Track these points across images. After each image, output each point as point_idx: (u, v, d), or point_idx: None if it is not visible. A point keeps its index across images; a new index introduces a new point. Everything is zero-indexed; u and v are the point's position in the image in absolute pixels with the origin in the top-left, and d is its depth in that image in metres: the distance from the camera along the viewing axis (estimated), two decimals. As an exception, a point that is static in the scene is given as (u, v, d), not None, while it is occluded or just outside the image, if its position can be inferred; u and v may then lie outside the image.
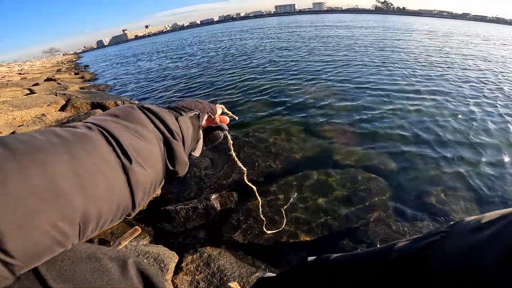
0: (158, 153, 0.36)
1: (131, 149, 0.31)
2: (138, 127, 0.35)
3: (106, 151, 0.28)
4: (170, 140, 0.38)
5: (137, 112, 0.37)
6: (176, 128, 0.40)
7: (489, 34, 20.14)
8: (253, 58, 7.81)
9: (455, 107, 3.56)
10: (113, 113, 0.36)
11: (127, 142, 0.31)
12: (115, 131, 0.31)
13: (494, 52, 9.44)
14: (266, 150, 2.58)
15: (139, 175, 0.31)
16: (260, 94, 4.23)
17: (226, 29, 31.85)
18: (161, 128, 0.38)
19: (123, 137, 0.31)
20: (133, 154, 0.31)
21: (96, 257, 0.41)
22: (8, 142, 0.22)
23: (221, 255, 1.48)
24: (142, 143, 0.33)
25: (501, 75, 5.45)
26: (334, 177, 2.14)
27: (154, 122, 0.38)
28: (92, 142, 0.28)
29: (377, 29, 18.30)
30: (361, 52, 7.89)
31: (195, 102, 0.52)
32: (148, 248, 1.50)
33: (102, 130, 0.30)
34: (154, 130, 0.37)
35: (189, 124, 0.46)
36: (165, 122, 0.39)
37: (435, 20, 64.76)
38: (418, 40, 12.12)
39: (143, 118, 0.37)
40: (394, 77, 4.94)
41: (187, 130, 0.44)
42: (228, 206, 1.90)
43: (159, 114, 0.39)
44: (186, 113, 0.46)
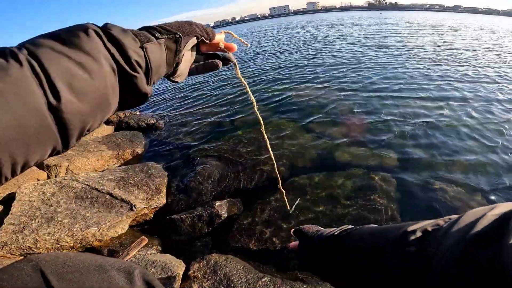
0: (107, 86, 0.33)
1: (62, 83, 0.28)
2: (83, 57, 0.31)
3: (25, 85, 0.26)
4: (126, 72, 0.35)
5: (89, 39, 0.33)
6: (138, 58, 0.37)
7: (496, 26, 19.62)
8: (256, 63, 7.79)
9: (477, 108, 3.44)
10: (59, 36, 0.32)
11: (60, 76, 0.28)
12: (47, 61, 0.28)
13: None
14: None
15: (70, 112, 0.29)
16: (268, 101, 4.21)
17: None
18: (117, 57, 0.35)
19: (55, 70, 0.28)
20: (64, 89, 0.28)
21: (104, 269, 0.44)
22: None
23: (228, 261, 1.49)
24: (82, 77, 0.30)
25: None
26: (341, 180, 2.17)
27: (110, 50, 0.34)
28: (9, 76, 0.25)
29: (379, 26, 17.84)
30: (373, 53, 7.51)
31: (182, 23, 0.47)
32: (156, 257, 1.53)
33: (30, 59, 0.27)
34: (107, 60, 0.33)
35: (162, 50, 0.42)
36: (125, 51, 0.35)
37: (430, 13, 64.74)
38: (429, 35, 11.65)
39: (94, 45, 0.33)
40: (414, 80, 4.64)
41: (156, 58, 0.40)
42: (233, 213, 1.92)
43: (119, 40, 0.35)
44: (162, 36, 0.42)
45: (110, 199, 1.91)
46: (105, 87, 0.33)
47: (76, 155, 2.53)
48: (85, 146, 2.77)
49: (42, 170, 2.32)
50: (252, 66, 7.26)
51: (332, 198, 1.98)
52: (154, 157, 2.86)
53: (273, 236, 1.70)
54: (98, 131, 3.49)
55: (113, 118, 4.23)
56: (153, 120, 3.96)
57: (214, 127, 3.41)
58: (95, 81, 0.31)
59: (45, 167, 2.33)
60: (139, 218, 1.91)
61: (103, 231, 1.68)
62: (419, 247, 0.39)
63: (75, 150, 2.61)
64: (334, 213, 1.85)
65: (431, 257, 0.36)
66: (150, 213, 1.97)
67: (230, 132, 3.22)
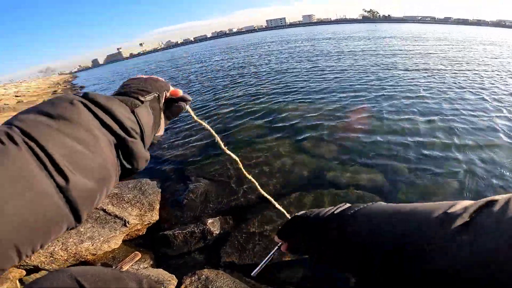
0: (107, 159, 0.32)
1: (66, 163, 0.27)
2: (78, 131, 0.30)
3: (29, 169, 0.24)
4: (126, 141, 0.35)
5: (79, 110, 0.31)
6: (132, 124, 0.36)
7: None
8: (248, 81, 7.84)
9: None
10: (47, 111, 0.30)
11: (62, 155, 0.27)
12: (45, 141, 0.26)
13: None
14: (262, 171, 2.67)
15: (78, 190, 0.27)
16: (261, 117, 4.21)
17: (219, 46, 32.09)
18: (114, 128, 0.34)
19: (55, 149, 0.27)
20: (69, 168, 0.27)
21: (121, 278, 0.51)
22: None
23: (219, 277, 1.52)
24: (83, 153, 0.29)
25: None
26: (329, 195, 2.22)
27: (104, 121, 0.33)
28: (9, 160, 0.24)
29: (381, 39, 17.28)
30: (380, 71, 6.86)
31: (149, 79, 0.46)
32: (149, 271, 1.57)
33: (27, 140, 0.26)
34: (102, 133, 0.32)
35: (149, 113, 0.41)
36: (119, 119, 0.34)
37: (425, 26, 66.03)
38: (435, 50, 11.25)
39: (86, 118, 0.31)
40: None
41: (147, 122, 0.40)
42: (225, 230, 1.96)
43: (110, 109, 0.34)
44: (144, 97, 0.41)
45: (104, 215, 1.95)
46: (105, 160, 0.31)
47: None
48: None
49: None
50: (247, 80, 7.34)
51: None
52: (148, 172, 2.87)
53: (264, 253, 1.73)
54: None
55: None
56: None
57: (208, 144, 3.45)
58: (95, 154, 0.30)
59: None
60: (132, 233, 1.95)
61: (97, 245, 1.71)
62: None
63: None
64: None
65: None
66: (143, 229, 2.00)
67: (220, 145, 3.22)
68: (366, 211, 0.46)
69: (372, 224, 0.42)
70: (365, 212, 0.46)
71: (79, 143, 0.29)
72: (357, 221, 0.45)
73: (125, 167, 0.36)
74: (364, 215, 0.45)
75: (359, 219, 0.45)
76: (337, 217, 0.49)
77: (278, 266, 1.65)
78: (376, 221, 0.42)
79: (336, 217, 0.50)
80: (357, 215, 0.46)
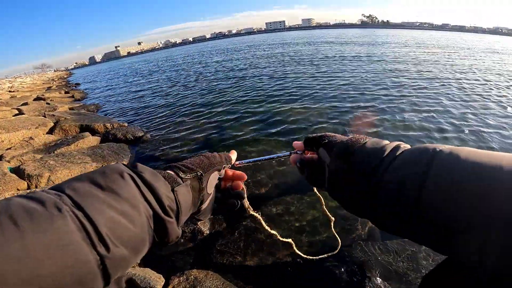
0: (145, 233, 0.34)
1: (110, 234, 0.29)
2: (124, 206, 0.32)
3: (71, 237, 0.26)
4: (161, 218, 0.36)
5: (126, 184, 0.34)
6: (170, 203, 0.38)
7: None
8: (249, 82, 7.78)
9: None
10: (98, 182, 0.32)
11: (106, 226, 0.29)
12: (93, 212, 0.29)
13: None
14: (258, 176, 2.63)
15: (116, 260, 0.29)
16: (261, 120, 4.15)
17: (218, 47, 32.10)
18: (153, 204, 0.35)
19: (101, 220, 0.29)
20: (111, 239, 0.29)
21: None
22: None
23: (208, 277, 1.48)
24: (126, 225, 0.31)
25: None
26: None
27: (146, 197, 0.35)
28: (53, 227, 0.25)
29: (386, 45, 16.99)
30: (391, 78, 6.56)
31: (201, 159, 0.48)
32: (135, 270, 1.51)
33: (75, 210, 0.28)
34: (144, 207, 0.34)
35: (188, 191, 0.43)
36: (159, 196, 0.36)
37: (423, 32, 66.82)
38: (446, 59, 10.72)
39: (132, 192, 0.34)
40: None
41: (185, 200, 0.41)
42: (215, 230, 1.92)
43: (152, 186, 0.36)
44: (186, 175, 0.43)
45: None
46: (144, 232, 0.34)
47: (59, 166, 2.49)
48: (68, 157, 2.73)
49: (23, 180, 2.27)
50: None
51: (314, 216, 1.99)
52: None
53: (254, 254, 1.70)
54: (84, 142, 3.47)
55: (99, 129, 4.20)
56: (140, 133, 3.94)
57: (201, 144, 3.40)
58: (136, 228, 0.32)
59: (26, 177, 2.29)
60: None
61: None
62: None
63: (58, 161, 2.58)
64: (318, 231, 1.86)
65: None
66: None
67: (217, 150, 3.17)
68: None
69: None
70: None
71: (123, 217, 0.31)
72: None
73: (155, 241, 0.37)
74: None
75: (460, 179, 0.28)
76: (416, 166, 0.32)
77: (265, 267, 1.61)
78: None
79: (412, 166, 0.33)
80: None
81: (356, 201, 0.40)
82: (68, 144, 3.35)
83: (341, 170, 0.41)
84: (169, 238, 0.38)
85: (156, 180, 0.37)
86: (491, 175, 0.27)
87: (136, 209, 0.33)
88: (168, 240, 0.39)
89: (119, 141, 3.69)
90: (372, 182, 0.36)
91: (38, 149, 3.32)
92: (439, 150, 0.32)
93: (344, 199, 0.43)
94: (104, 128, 4.21)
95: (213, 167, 0.48)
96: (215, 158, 0.50)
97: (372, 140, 0.41)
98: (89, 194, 0.30)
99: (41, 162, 2.64)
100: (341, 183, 0.42)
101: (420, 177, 0.31)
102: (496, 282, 0.25)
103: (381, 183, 0.35)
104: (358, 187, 0.38)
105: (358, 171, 0.38)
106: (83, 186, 0.31)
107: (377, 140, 0.41)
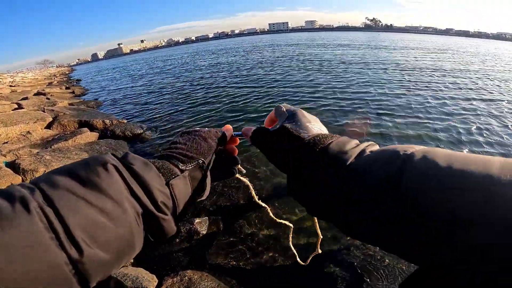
0: (132, 232, 0.29)
1: (83, 235, 0.25)
2: (106, 202, 0.28)
3: (37, 238, 0.23)
4: (154, 215, 0.32)
5: (110, 176, 0.30)
6: (164, 198, 0.33)
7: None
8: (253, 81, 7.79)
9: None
10: (78, 175, 0.28)
11: (80, 226, 0.25)
12: (65, 210, 0.25)
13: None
14: (256, 175, 2.60)
15: (92, 263, 0.26)
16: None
17: (221, 47, 32.08)
18: (143, 200, 0.31)
19: (75, 220, 0.25)
20: (85, 241, 0.25)
21: None
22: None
23: (202, 279, 1.45)
24: (105, 225, 0.27)
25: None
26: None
27: (134, 192, 0.31)
28: (15, 227, 0.22)
29: (397, 51, 15.81)
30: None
31: (197, 142, 0.41)
32: (127, 270, 1.48)
33: (45, 206, 0.24)
34: (132, 204, 0.30)
35: (187, 184, 0.38)
36: (150, 191, 0.32)
37: (430, 36, 66.64)
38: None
39: (116, 186, 0.29)
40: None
41: (182, 195, 0.36)
42: (212, 231, 1.89)
43: (142, 179, 0.32)
44: (185, 165, 0.38)
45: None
46: (130, 233, 0.29)
47: (55, 161, 2.46)
48: (65, 152, 2.70)
49: (17, 174, 2.24)
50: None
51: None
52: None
53: (251, 256, 1.68)
54: (82, 137, 3.44)
55: (98, 125, 4.17)
56: (139, 130, 3.91)
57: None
58: (119, 228, 0.28)
59: (20, 171, 2.25)
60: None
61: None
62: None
63: (55, 156, 2.55)
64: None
65: None
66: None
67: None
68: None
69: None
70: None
71: (103, 215, 0.27)
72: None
73: (148, 240, 0.34)
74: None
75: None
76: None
77: (262, 269, 1.58)
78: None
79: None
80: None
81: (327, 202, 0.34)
82: (65, 139, 3.32)
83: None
84: (165, 236, 0.35)
85: (147, 172, 0.32)
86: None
87: (120, 206, 0.28)
88: (162, 238, 0.35)
89: (118, 137, 3.67)
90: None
91: (35, 144, 3.29)
92: (409, 155, 0.28)
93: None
94: (103, 124, 4.18)
95: (212, 150, 0.43)
96: (211, 138, 0.43)
97: (336, 143, 0.35)
98: (65, 188, 0.26)
99: (37, 157, 2.62)
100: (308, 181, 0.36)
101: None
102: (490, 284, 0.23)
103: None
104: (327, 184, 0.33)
105: (320, 181, 0.34)
106: (60, 179, 0.27)
107: (342, 142, 0.35)
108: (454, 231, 0.23)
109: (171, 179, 0.35)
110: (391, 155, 0.30)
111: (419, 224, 0.25)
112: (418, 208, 0.25)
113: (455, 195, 0.24)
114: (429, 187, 0.25)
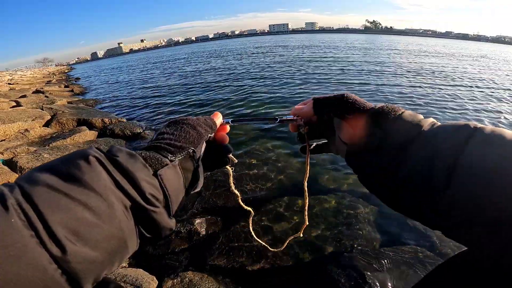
0: (120, 229, 0.28)
1: (66, 232, 0.23)
2: (90, 197, 0.26)
3: (16, 237, 0.21)
4: (143, 208, 0.30)
5: (93, 170, 0.28)
6: (153, 190, 0.31)
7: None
8: (251, 80, 7.82)
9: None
10: (59, 170, 0.27)
11: (62, 222, 0.23)
12: (44, 205, 0.23)
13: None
14: (256, 176, 2.59)
15: (79, 262, 0.24)
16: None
17: (222, 48, 32.15)
18: (130, 192, 0.29)
19: (55, 215, 0.23)
20: (69, 238, 0.23)
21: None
22: None
23: (203, 280, 1.44)
24: (90, 221, 0.25)
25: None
26: (325, 202, 2.14)
27: (120, 185, 0.29)
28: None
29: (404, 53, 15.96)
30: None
31: (186, 130, 0.39)
32: (127, 271, 1.45)
33: (23, 203, 0.23)
34: (116, 198, 0.28)
35: (178, 174, 0.36)
36: (136, 183, 0.30)
37: (430, 39, 66.91)
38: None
39: (100, 180, 0.27)
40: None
41: (174, 186, 0.34)
42: (212, 231, 1.86)
43: (128, 170, 0.30)
44: (174, 155, 0.35)
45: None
46: (118, 228, 0.27)
47: (53, 159, 2.43)
48: (63, 150, 2.68)
49: (15, 172, 2.21)
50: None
51: (314, 220, 1.94)
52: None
53: (252, 257, 1.65)
54: (80, 136, 3.41)
55: (97, 123, 4.15)
56: (139, 129, 3.88)
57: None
58: (106, 223, 0.26)
59: (18, 169, 2.22)
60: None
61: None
62: None
63: (53, 154, 2.52)
64: (315, 235, 1.81)
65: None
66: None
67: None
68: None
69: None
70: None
71: (87, 210, 0.25)
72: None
73: (144, 235, 0.32)
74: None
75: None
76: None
77: (263, 271, 1.57)
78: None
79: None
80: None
81: (380, 176, 0.37)
82: (64, 137, 3.30)
83: (375, 138, 0.37)
84: (160, 231, 0.33)
85: (132, 164, 0.30)
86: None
87: (105, 199, 0.27)
88: (158, 234, 0.33)
89: (117, 136, 3.65)
90: (400, 157, 0.34)
91: (33, 142, 3.26)
92: (480, 127, 0.30)
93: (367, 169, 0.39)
94: (102, 123, 4.16)
95: (202, 138, 0.40)
96: (200, 125, 0.41)
97: (408, 112, 0.37)
98: (45, 184, 0.25)
99: (35, 155, 2.59)
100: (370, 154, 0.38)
101: (454, 153, 0.29)
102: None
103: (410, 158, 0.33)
104: (386, 160, 0.35)
105: (391, 144, 0.35)
106: (39, 175, 0.26)
107: (413, 113, 0.37)
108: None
109: (159, 169, 0.33)
110: (462, 125, 0.32)
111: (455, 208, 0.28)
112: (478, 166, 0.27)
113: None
114: (493, 152, 0.27)
